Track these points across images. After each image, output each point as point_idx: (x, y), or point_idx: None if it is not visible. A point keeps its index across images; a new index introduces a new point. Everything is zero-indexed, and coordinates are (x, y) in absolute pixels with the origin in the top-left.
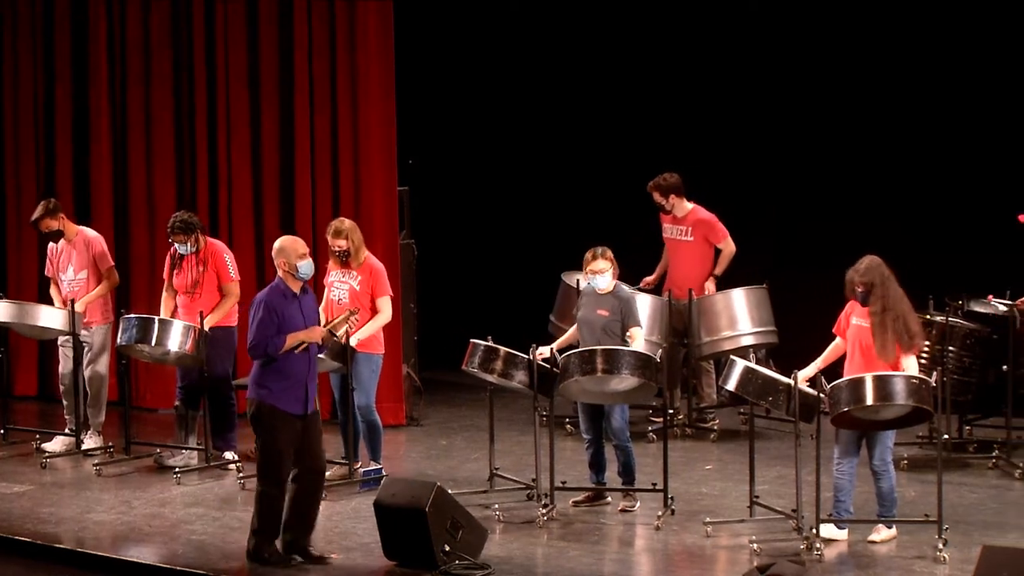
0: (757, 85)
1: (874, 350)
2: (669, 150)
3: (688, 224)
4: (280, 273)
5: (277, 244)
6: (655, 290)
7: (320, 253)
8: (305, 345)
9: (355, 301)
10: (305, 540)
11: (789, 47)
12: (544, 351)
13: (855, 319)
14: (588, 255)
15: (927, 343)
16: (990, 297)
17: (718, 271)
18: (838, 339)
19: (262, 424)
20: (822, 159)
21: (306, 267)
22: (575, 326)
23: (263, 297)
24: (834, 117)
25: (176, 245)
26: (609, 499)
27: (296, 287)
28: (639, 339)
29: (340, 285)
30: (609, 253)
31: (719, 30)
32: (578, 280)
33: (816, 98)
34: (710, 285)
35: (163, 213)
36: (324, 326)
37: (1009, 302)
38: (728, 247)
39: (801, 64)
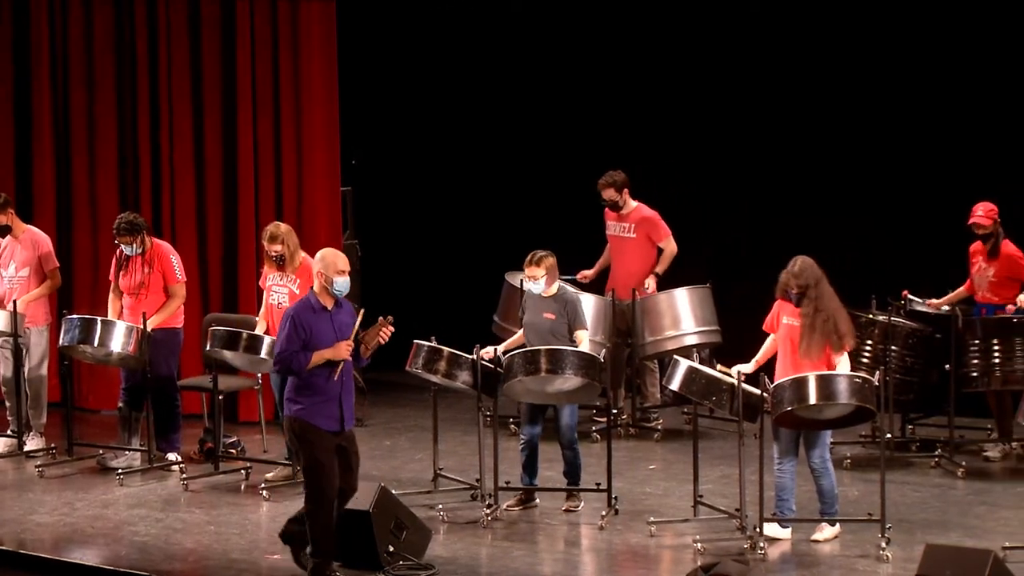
0: (700, 84)
1: (800, 349)
2: (613, 149)
3: (631, 221)
4: (316, 285)
5: (319, 255)
6: (593, 287)
7: (263, 254)
8: (340, 368)
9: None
10: (304, 549)
11: (735, 50)
12: (489, 351)
13: (786, 319)
14: (527, 258)
15: (870, 342)
16: (905, 293)
17: (659, 270)
18: (771, 336)
19: (299, 440)
20: (766, 159)
21: (342, 283)
22: (522, 330)
23: (291, 311)
24: (778, 118)
25: (122, 246)
26: (538, 500)
27: (329, 302)
28: (585, 342)
29: (279, 289)
30: (548, 261)
31: (667, 29)
32: (521, 281)
33: (760, 99)
34: (650, 282)
35: (106, 214)
36: (354, 337)
37: (920, 299)
38: (670, 246)
39: (745, 66)
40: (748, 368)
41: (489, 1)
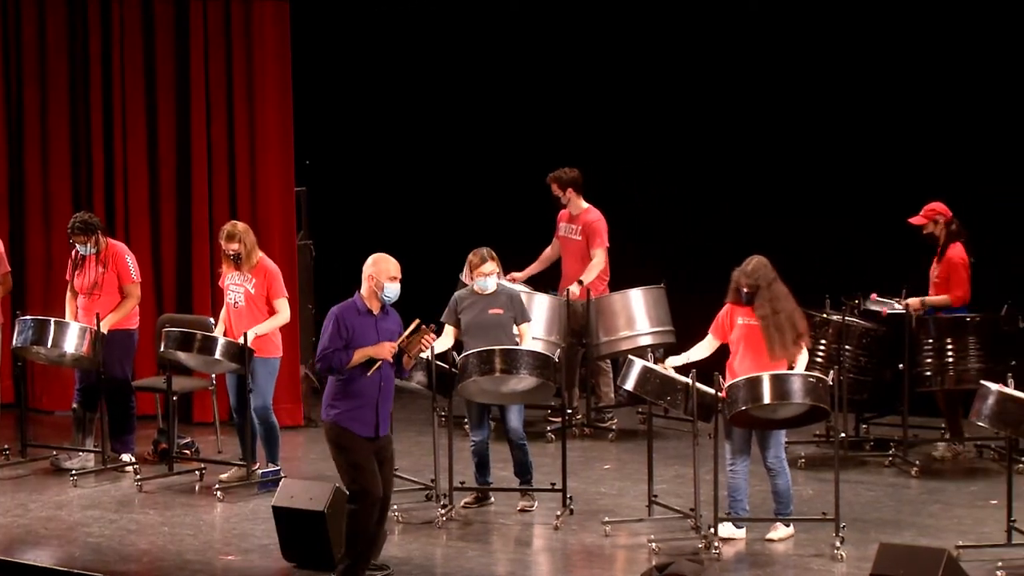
0: (657, 87)
1: (767, 352)
2: (569, 149)
3: (579, 224)
4: (364, 288)
5: (370, 260)
6: (545, 287)
7: (217, 255)
8: (378, 365)
9: (251, 304)
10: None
11: (695, 52)
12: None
13: (742, 319)
14: (474, 258)
15: (824, 342)
16: (874, 295)
17: (584, 278)
18: (712, 338)
19: (335, 444)
20: (722, 161)
21: (392, 290)
22: (452, 328)
23: (335, 310)
24: (730, 121)
25: (77, 246)
26: (493, 499)
27: (375, 306)
28: (528, 336)
29: (235, 288)
30: (494, 255)
31: (625, 27)
32: (461, 281)
33: (713, 102)
34: (575, 288)
35: (59, 214)
36: (398, 343)
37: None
38: (599, 258)
39: (702, 69)
40: (677, 360)
41: (442, 1)
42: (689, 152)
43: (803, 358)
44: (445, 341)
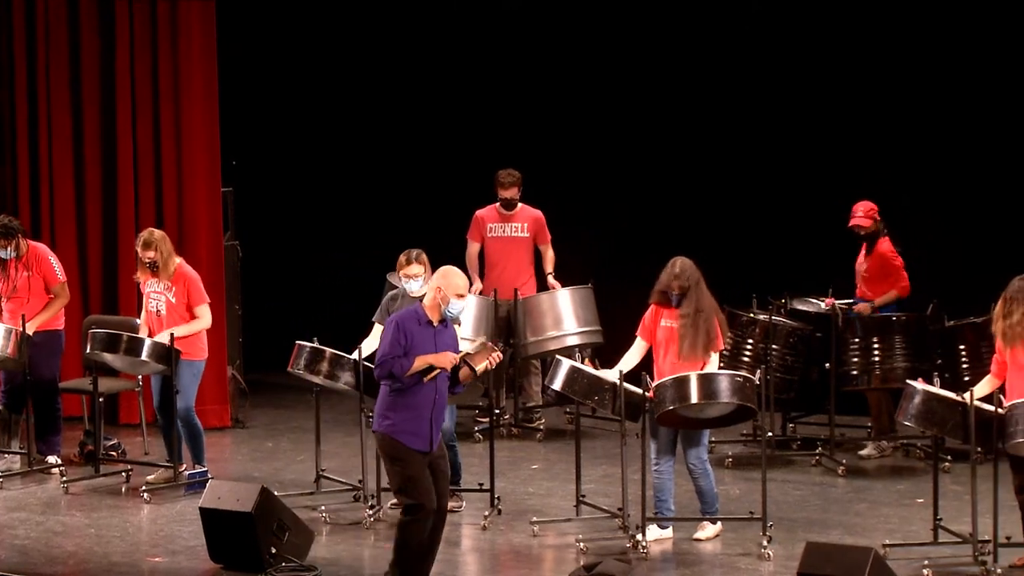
0: (581, 83)
1: (680, 351)
2: (496, 149)
3: (522, 221)
4: (428, 299)
5: (440, 271)
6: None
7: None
8: (435, 374)
9: (172, 313)
10: None
11: (615, 48)
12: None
13: (665, 320)
14: (402, 258)
15: (751, 341)
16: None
17: (551, 270)
18: (640, 341)
19: (389, 456)
20: (647, 158)
21: (457, 307)
22: (379, 327)
23: (396, 317)
24: (656, 118)
25: None
26: None
27: (436, 318)
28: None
29: (156, 296)
30: (423, 257)
31: (537, 24)
32: (388, 283)
33: (637, 98)
34: (554, 282)
35: None
36: (461, 356)
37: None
38: (551, 249)
39: (623, 65)
40: (612, 375)
41: (367, 2)
42: (616, 152)
43: (712, 362)
44: (374, 342)
